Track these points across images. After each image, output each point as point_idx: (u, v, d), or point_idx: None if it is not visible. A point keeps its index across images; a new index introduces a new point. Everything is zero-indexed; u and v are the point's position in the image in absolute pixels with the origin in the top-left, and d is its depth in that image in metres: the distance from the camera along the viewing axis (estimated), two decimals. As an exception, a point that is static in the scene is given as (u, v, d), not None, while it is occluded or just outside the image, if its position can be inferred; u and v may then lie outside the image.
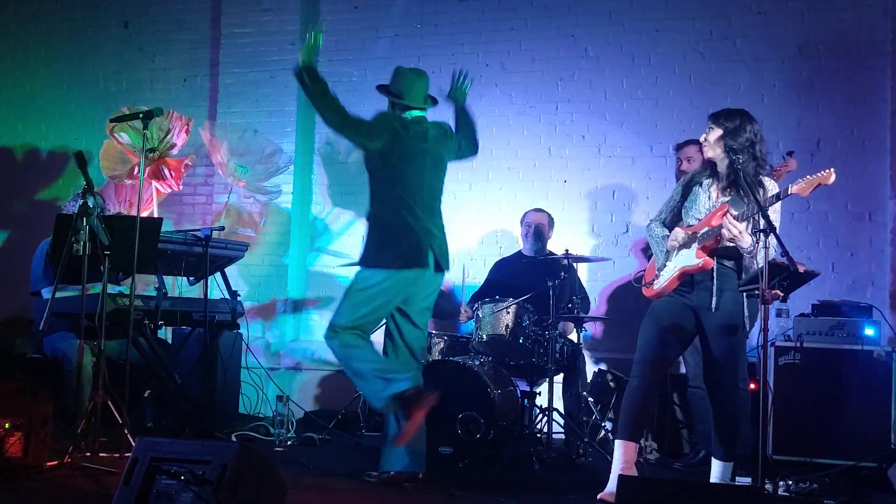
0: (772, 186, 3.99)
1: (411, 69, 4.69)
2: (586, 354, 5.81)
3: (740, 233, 3.80)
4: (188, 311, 5.47)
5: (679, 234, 4.05)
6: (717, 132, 4.03)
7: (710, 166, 4.12)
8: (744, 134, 3.98)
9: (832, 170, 3.73)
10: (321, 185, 7.22)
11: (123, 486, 3.27)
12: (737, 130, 3.99)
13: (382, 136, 4.41)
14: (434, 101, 4.68)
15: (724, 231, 3.83)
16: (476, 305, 5.54)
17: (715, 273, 3.96)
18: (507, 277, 5.97)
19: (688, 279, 4.02)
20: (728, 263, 3.99)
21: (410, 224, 4.38)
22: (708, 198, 4.06)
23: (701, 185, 4.11)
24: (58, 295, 4.68)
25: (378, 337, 4.66)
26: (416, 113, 4.57)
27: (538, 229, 5.98)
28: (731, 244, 3.90)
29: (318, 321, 6.94)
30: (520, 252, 6.15)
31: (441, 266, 4.48)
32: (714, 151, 4.06)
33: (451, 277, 6.72)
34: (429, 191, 4.53)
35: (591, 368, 5.96)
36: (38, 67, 7.92)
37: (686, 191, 4.16)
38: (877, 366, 4.85)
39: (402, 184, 4.41)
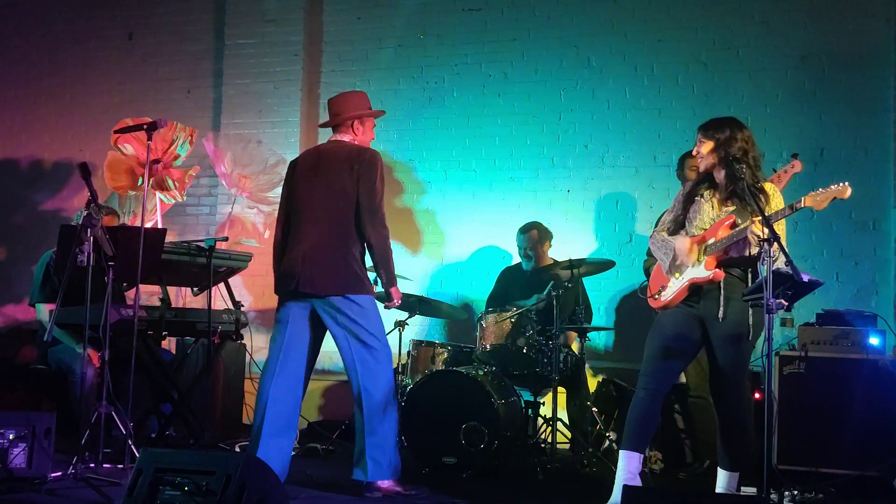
0: (773, 192, 3.98)
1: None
2: (588, 365, 5.80)
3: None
4: (192, 322, 5.47)
5: (683, 248, 4.01)
6: (709, 144, 4.02)
7: (708, 177, 4.11)
8: (736, 143, 3.96)
9: (847, 184, 3.65)
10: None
11: (127, 497, 3.27)
12: (729, 140, 3.97)
13: None
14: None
15: (751, 236, 3.74)
16: (480, 315, 5.54)
17: (722, 282, 3.94)
18: (512, 287, 5.98)
19: (695, 289, 4.01)
20: (735, 272, 3.97)
21: None
22: (711, 208, 4.05)
23: (702, 196, 4.10)
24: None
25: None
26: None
27: (526, 253, 5.97)
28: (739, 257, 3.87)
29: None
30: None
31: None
32: (708, 163, 4.05)
33: (456, 285, 6.80)
34: None
35: (592, 379, 5.95)
36: (42, 78, 7.94)
37: (688, 202, 4.15)
38: (882, 375, 4.83)
39: None
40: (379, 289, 4.64)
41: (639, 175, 6.48)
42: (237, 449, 5.37)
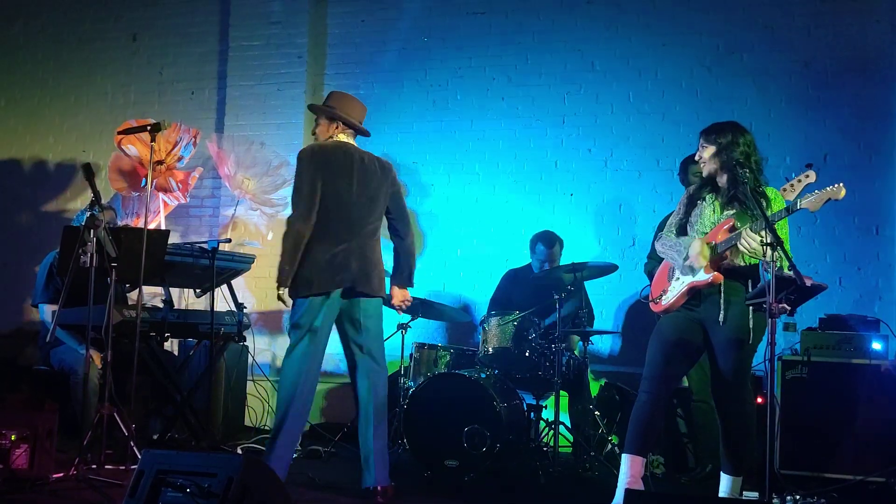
0: (774, 195, 3.98)
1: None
2: (590, 368, 5.80)
3: (758, 245, 3.69)
4: (194, 324, 5.47)
5: (695, 250, 3.96)
6: (711, 149, 4.04)
7: (710, 181, 4.12)
8: (738, 147, 3.97)
9: (841, 184, 3.67)
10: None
11: (129, 498, 3.27)
12: (731, 145, 3.98)
13: None
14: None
15: (741, 243, 3.76)
16: (482, 318, 5.54)
17: (723, 286, 3.94)
18: (517, 290, 5.97)
19: (696, 293, 4.01)
20: (736, 276, 3.97)
21: None
22: (713, 212, 4.05)
23: (704, 199, 4.10)
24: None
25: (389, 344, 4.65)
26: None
27: (543, 266, 5.95)
28: (742, 264, 3.85)
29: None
30: (529, 265, 6.14)
31: None
32: (711, 167, 4.06)
33: (459, 288, 6.80)
34: None
35: (594, 383, 5.95)
36: (47, 79, 7.96)
37: (690, 205, 4.15)
38: (884, 380, 4.83)
39: None
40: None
41: (642, 179, 6.48)
42: (239, 450, 5.37)
